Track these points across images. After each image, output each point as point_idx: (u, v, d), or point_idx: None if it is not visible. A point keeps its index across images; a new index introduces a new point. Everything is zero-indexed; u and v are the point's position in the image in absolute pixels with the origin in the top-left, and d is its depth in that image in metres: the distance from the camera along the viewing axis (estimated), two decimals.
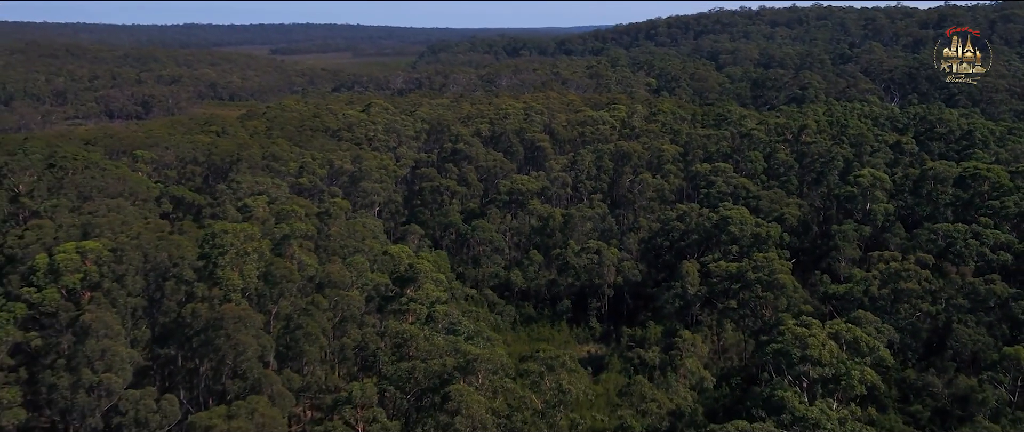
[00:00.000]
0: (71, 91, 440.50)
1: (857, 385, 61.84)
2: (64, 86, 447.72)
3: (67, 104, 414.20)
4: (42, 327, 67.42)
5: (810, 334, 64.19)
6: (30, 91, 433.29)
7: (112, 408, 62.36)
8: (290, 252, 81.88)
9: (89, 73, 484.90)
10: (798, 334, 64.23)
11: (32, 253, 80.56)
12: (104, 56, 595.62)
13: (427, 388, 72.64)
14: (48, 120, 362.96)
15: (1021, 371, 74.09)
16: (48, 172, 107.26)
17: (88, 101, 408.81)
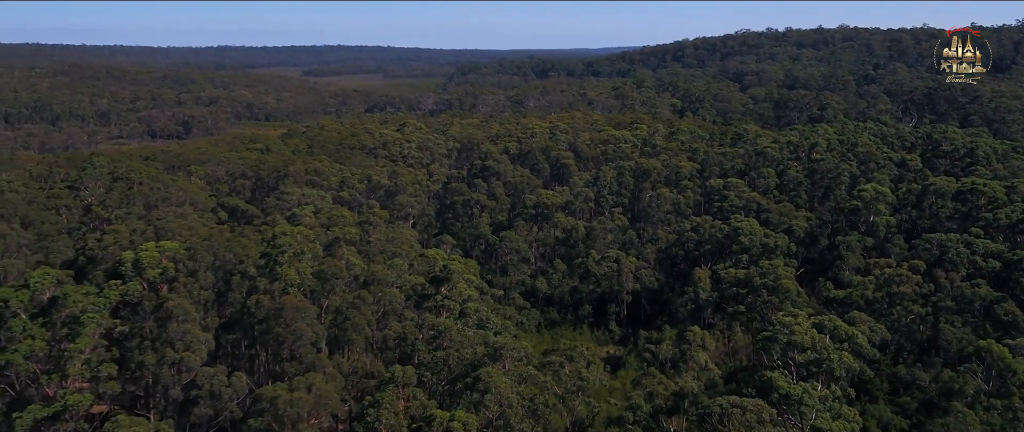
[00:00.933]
0: (114, 112, 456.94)
1: (837, 368, 70.33)
2: (107, 107, 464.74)
3: (111, 124, 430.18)
4: (128, 315, 77.67)
5: (796, 323, 73.07)
6: (75, 112, 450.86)
7: (190, 382, 72.43)
8: (339, 253, 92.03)
9: (130, 94, 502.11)
10: (785, 323, 73.10)
11: (111, 254, 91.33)
12: (143, 78, 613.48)
13: (459, 374, 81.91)
14: (93, 140, 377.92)
15: (994, 363, 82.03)
16: (117, 184, 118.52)
17: (131, 121, 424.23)
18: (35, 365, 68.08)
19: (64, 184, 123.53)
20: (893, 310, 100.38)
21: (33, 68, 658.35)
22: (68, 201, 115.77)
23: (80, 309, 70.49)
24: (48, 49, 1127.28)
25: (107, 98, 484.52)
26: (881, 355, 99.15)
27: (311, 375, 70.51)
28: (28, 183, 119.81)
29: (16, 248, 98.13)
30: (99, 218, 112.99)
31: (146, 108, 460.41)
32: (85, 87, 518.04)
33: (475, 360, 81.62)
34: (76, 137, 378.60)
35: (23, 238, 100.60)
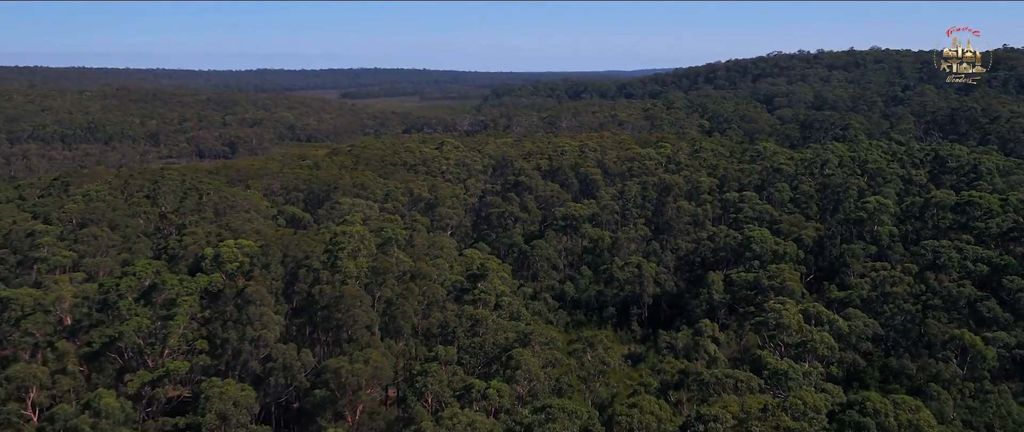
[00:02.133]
0: (163, 133, 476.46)
1: (821, 347, 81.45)
2: (156, 128, 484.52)
3: (160, 145, 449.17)
4: (209, 302, 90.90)
5: (784, 309, 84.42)
6: (127, 133, 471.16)
7: (267, 357, 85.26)
8: (390, 251, 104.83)
9: (178, 116, 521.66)
10: (775, 309, 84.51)
11: (190, 252, 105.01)
12: (188, 100, 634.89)
13: (494, 357, 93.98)
14: (145, 159, 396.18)
15: (969, 350, 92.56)
16: (189, 194, 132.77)
17: (180, 142, 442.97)
18: (140, 339, 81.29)
19: (142, 194, 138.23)
20: (886, 308, 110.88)
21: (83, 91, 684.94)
22: (146, 208, 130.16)
23: (175, 294, 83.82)
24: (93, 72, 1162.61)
25: (156, 120, 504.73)
26: (875, 348, 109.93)
27: (369, 350, 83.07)
28: (111, 193, 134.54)
29: (106, 248, 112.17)
30: (173, 224, 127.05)
31: (193, 129, 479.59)
32: (135, 109, 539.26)
33: (508, 344, 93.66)
34: (129, 156, 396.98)
35: (111, 240, 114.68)
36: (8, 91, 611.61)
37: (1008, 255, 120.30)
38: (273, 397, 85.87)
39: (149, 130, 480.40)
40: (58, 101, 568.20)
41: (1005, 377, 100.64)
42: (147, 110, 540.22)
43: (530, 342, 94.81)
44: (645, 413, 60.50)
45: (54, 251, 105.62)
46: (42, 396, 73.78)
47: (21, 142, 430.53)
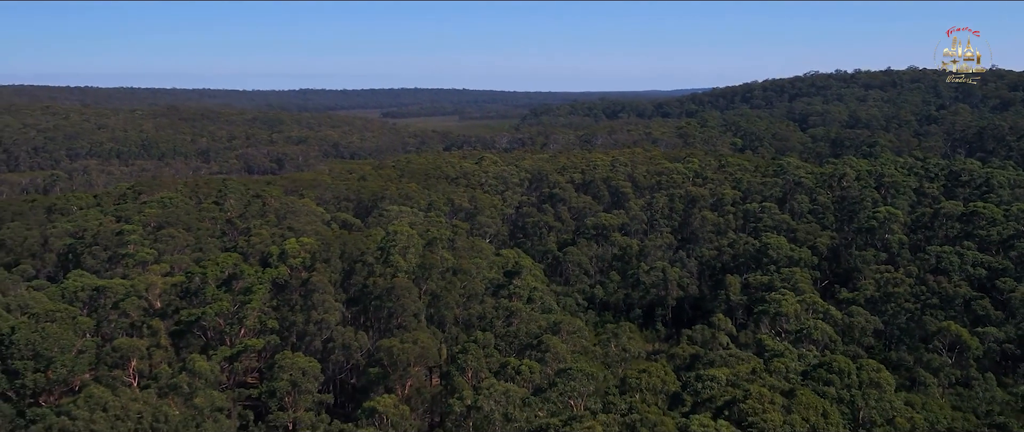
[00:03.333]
0: (213, 150, 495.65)
1: (815, 332, 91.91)
2: (207, 145, 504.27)
3: (211, 161, 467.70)
4: (276, 291, 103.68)
5: (784, 299, 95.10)
6: (179, 150, 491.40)
7: (328, 338, 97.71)
8: (435, 249, 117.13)
9: (227, 134, 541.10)
10: (775, 299, 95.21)
11: (257, 250, 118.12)
12: (235, 119, 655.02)
13: (527, 344, 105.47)
14: (198, 174, 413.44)
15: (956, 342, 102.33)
16: (253, 201, 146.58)
17: (230, 158, 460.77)
18: (220, 320, 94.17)
19: (210, 200, 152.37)
20: (888, 306, 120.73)
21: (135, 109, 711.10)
22: (214, 213, 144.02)
23: (251, 282, 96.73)
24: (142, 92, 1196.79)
25: (206, 137, 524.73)
26: (877, 342, 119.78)
27: (417, 332, 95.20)
28: (183, 200, 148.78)
29: (182, 247, 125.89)
30: (238, 227, 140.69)
31: (242, 146, 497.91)
32: (185, 127, 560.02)
33: (539, 332, 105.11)
34: (182, 172, 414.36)
35: (186, 240, 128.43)
36: (65, 110, 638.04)
37: (1006, 260, 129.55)
38: (333, 373, 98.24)
39: (200, 147, 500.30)
40: (112, 120, 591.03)
41: (997, 369, 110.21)
42: (197, 128, 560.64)
43: (560, 331, 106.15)
44: (653, 377, 71.58)
45: (138, 248, 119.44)
46: (141, 365, 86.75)
47: (80, 158, 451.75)
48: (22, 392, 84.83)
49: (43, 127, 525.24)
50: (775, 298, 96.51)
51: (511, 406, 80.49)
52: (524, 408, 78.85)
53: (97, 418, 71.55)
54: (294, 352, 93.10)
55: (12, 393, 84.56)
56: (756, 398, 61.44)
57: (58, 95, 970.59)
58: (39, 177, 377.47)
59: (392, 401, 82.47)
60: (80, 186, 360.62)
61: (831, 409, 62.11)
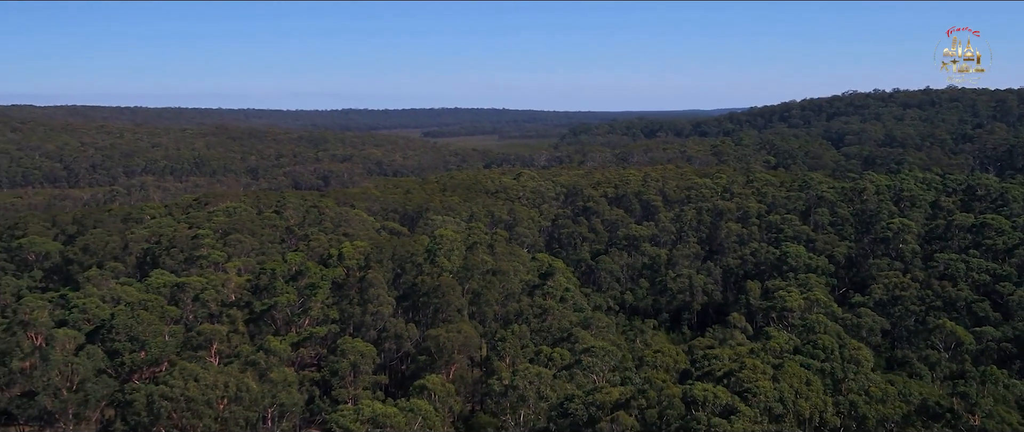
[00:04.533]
0: (262, 167, 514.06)
1: (818, 327, 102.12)
2: (256, 163, 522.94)
3: (260, 178, 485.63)
4: (334, 288, 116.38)
5: (788, 295, 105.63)
6: (229, 167, 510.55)
7: (382, 328, 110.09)
8: (477, 252, 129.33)
9: (274, 152, 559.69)
10: (780, 296, 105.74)
11: (316, 253, 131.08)
12: (282, 138, 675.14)
13: (559, 337, 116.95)
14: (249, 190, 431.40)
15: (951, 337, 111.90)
16: (310, 211, 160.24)
17: (278, 175, 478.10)
18: (288, 310, 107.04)
19: (270, 210, 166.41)
20: (895, 309, 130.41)
21: (184, 129, 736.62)
22: (275, 221, 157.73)
23: (315, 278, 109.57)
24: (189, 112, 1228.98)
25: (255, 155, 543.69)
26: (883, 341, 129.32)
27: (461, 323, 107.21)
28: (247, 209, 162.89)
29: (248, 250, 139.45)
30: (297, 235, 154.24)
31: (289, 164, 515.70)
32: (235, 146, 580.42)
33: (570, 327, 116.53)
34: (233, 188, 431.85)
35: (251, 244, 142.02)
36: (119, 129, 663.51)
37: (1009, 266, 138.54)
38: (386, 360, 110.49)
39: (249, 165, 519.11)
40: (164, 138, 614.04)
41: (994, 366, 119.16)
42: (246, 146, 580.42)
43: (590, 326, 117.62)
44: (666, 356, 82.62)
45: (211, 251, 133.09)
46: (221, 347, 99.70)
47: (137, 175, 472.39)
48: (120, 370, 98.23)
49: (100, 145, 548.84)
50: (781, 295, 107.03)
51: (543, 386, 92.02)
52: (554, 386, 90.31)
53: (190, 387, 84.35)
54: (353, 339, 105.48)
55: (111, 370, 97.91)
56: (751, 369, 72.30)
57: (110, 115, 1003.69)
58: (99, 192, 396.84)
59: (439, 380, 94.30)
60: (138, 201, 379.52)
61: (814, 378, 72.74)
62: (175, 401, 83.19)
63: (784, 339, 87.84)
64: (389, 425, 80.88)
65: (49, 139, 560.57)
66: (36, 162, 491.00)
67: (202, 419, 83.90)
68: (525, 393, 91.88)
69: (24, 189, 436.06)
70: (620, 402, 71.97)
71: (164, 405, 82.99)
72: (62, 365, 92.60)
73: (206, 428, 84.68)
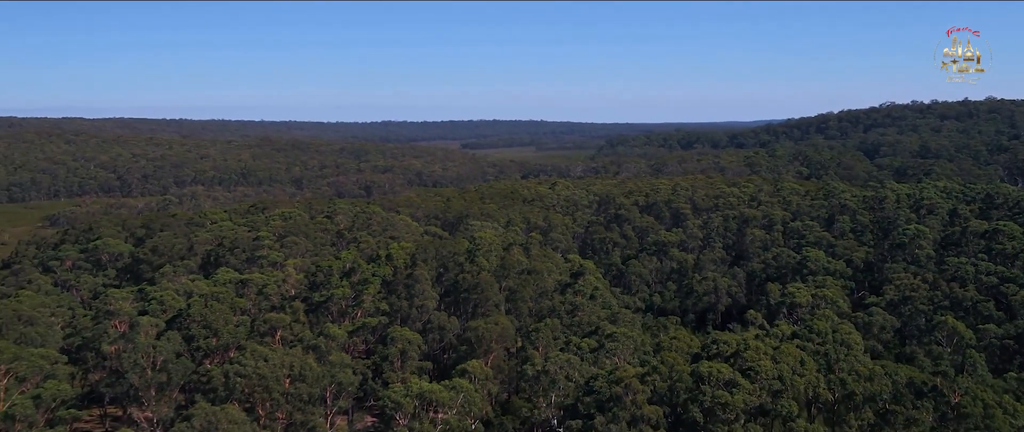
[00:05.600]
0: (306, 177, 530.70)
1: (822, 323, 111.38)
2: (300, 174, 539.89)
3: (304, 188, 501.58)
4: (384, 284, 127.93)
5: (798, 291, 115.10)
6: (274, 178, 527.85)
7: (427, 320, 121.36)
8: (513, 253, 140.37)
9: (318, 163, 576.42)
10: (790, 292, 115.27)
11: (365, 254, 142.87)
12: (324, 149, 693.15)
13: (588, 331, 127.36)
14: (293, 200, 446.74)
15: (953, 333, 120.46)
16: (358, 216, 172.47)
17: (322, 185, 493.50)
18: (343, 302, 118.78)
19: (322, 215, 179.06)
20: (905, 308, 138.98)
21: (230, 141, 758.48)
22: (327, 225, 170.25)
23: (367, 274, 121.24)
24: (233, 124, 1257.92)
25: (299, 166, 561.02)
26: (893, 337, 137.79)
27: (498, 316, 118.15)
28: (301, 214, 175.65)
29: (303, 251, 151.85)
30: (347, 238, 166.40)
31: (332, 174, 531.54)
32: (279, 157, 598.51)
33: (599, 322, 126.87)
34: (279, 197, 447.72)
35: (306, 246, 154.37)
36: (168, 141, 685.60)
37: (1016, 269, 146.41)
38: (430, 349, 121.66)
39: (293, 175, 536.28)
40: (212, 150, 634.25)
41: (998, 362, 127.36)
42: (290, 158, 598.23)
43: (616, 321, 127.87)
44: (681, 341, 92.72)
45: (269, 251, 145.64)
46: (284, 334, 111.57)
47: (187, 185, 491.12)
48: (195, 353, 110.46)
49: (151, 157, 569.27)
50: (790, 291, 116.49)
51: (572, 370, 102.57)
52: (581, 370, 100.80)
53: (260, 366, 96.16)
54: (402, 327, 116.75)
55: (188, 354, 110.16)
56: (753, 351, 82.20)
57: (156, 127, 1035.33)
58: (153, 202, 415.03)
59: (479, 365, 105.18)
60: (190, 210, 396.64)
61: (808, 358, 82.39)
62: (248, 378, 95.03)
63: (786, 328, 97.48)
64: (434, 400, 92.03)
65: (102, 150, 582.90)
66: (91, 173, 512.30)
67: (271, 394, 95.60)
68: (556, 377, 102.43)
69: (81, 198, 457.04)
70: (637, 378, 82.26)
71: (238, 382, 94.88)
72: (146, 348, 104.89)
73: (274, 402, 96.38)
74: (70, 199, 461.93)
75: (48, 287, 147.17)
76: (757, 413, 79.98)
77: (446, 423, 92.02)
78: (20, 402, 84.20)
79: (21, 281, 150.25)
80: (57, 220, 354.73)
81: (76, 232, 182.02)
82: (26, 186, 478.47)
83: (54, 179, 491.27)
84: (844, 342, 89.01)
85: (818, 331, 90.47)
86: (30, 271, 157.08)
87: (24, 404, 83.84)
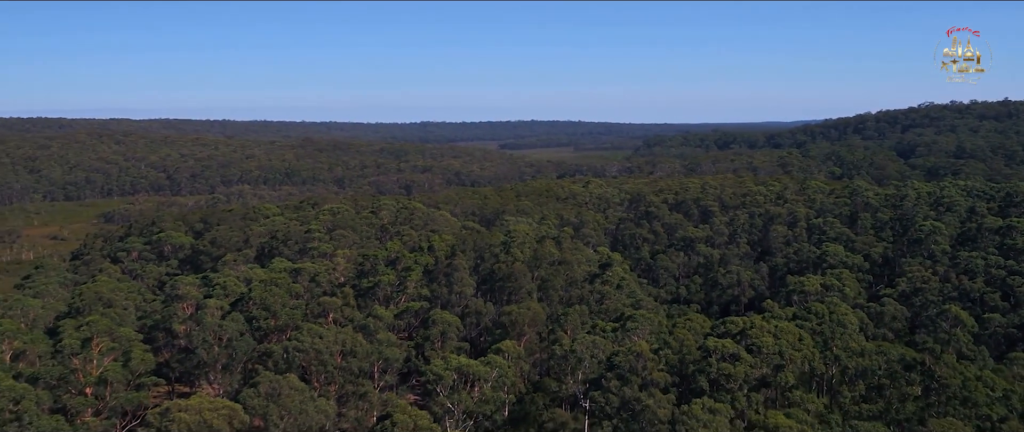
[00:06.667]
0: (347, 177, 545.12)
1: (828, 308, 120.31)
2: (342, 174, 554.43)
3: (346, 187, 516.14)
4: (426, 272, 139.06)
5: (807, 279, 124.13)
6: (317, 177, 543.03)
7: (465, 305, 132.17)
8: (545, 245, 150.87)
9: (359, 163, 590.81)
10: (800, 282, 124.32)
11: (409, 245, 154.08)
12: (365, 150, 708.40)
13: (616, 317, 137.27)
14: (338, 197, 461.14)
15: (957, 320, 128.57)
16: (401, 211, 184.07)
17: (363, 185, 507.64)
18: (388, 288, 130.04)
19: (367, 210, 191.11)
20: (916, 299, 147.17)
21: (273, 141, 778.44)
22: (372, 220, 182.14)
23: (410, 263, 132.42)
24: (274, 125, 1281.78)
25: (341, 166, 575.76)
26: (904, 326, 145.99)
27: (530, 302, 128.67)
28: (348, 209, 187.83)
29: (351, 243, 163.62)
30: (391, 232, 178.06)
31: (373, 174, 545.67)
32: (322, 157, 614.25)
33: (624, 309, 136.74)
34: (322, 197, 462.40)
35: (353, 238, 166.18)
36: (213, 141, 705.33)
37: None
38: (467, 333, 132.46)
39: (335, 175, 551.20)
40: (256, 150, 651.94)
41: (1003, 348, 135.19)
42: (332, 158, 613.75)
43: (640, 308, 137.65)
44: (694, 322, 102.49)
45: (320, 243, 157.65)
46: (336, 315, 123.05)
47: (233, 184, 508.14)
48: (256, 332, 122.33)
49: (198, 157, 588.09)
50: (800, 280, 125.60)
51: (597, 350, 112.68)
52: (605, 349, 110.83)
53: (316, 342, 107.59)
54: None
55: (250, 333, 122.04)
56: (757, 329, 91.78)
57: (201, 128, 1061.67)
58: (202, 200, 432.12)
59: (513, 344, 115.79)
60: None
61: (805, 336, 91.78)
62: (305, 353, 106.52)
63: (787, 310, 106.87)
64: (472, 374, 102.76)
65: (151, 151, 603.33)
66: (142, 172, 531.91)
67: (325, 367, 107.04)
68: (582, 356, 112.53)
69: (134, 196, 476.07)
70: (651, 351, 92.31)
71: (297, 356, 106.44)
72: (214, 327, 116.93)
73: (328, 375, 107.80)
74: (123, 197, 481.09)
75: (118, 275, 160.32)
76: (759, 384, 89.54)
77: (482, 394, 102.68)
78: (111, 368, 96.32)
79: (93, 270, 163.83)
80: (112, 217, 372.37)
81: (140, 226, 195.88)
82: (81, 185, 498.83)
83: (107, 178, 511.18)
84: (840, 322, 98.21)
85: (816, 312, 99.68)
86: (100, 261, 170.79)
87: (115, 370, 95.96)
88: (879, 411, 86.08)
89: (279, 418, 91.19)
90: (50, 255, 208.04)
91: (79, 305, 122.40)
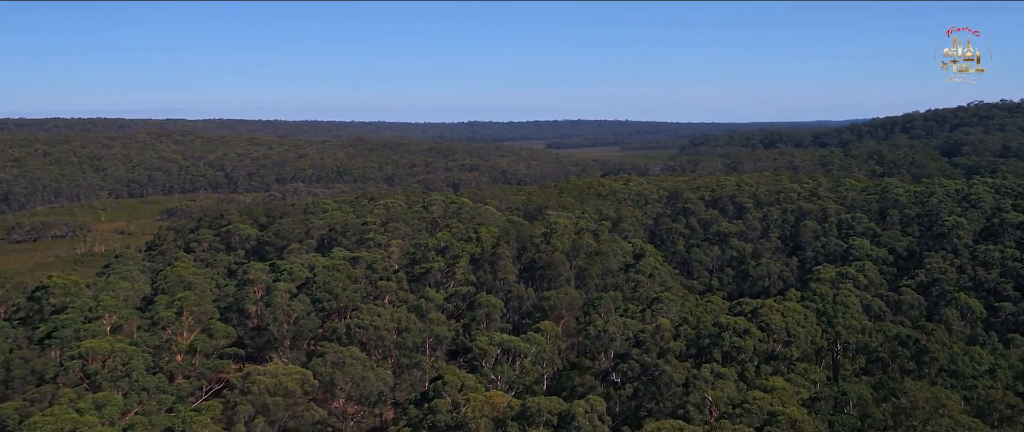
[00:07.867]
0: (397, 175, 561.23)
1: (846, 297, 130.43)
2: (391, 172, 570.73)
3: (395, 184, 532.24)
4: (473, 261, 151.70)
5: (823, 269, 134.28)
6: (368, 175, 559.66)
7: (508, 290, 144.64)
8: (583, 236, 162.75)
9: (408, 162, 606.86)
10: (817, 270, 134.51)
11: (456, 236, 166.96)
12: (413, 149, 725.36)
13: (646, 304, 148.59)
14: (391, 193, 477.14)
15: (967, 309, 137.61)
16: (450, 206, 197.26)
17: (412, 183, 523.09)
18: (438, 274, 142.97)
19: (419, 205, 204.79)
20: (933, 289, 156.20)
21: (325, 141, 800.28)
22: (423, 214, 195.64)
23: (459, 251, 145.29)
24: (325, 124, 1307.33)
25: (391, 165, 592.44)
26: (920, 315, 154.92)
27: (567, 289, 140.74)
28: (400, 204, 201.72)
29: (403, 235, 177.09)
30: (440, 224, 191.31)
31: (421, 173, 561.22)
32: (372, 156, 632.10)
33: (656, 294, 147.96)
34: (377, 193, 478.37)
35: (405, 230, 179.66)
36: (267, 141, 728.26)
37: None
38: (510, 316, 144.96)
39: (385, 173, 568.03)
40: (309, 149, 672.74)
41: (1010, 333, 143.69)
42: (382, 157, 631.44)
43: (669, 290, 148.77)
44: (714, 303, 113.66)
45: (375, 234, 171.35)
46: (391, 298, 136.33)
47: (288, 182, 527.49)
48: (320, 313, 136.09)
49: (254, 156, 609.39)
50: (817, 269, 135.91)
51: (627, 330, 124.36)
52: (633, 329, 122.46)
53: (375, 320, 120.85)
54: None
55: (314, 314, 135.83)
56: (768, 308, 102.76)
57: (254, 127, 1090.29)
58: (259, 197, 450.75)
59: (551, 325, 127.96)
60: None
61: (810, 314, 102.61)
62: (365, 329, 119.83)
63: (794, 293, 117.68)
64: (513, 349, 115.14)
65: (209, 150, 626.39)
66: (201, 170, 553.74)
67: (383, 342, 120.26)
68: (614, 335, 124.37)
69: (193, 194, 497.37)
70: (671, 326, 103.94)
71: (358, 332, 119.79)
72: (283, 306, 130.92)
73: (385, 349, 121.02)
74: (183, 194, 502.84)
75: (191, 263, 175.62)
76: (768, 357, 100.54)
77: (523, 367, 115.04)
78: (199, 338, 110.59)
79: (169, 258, 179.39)
80: (174, 212, 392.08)
81: (209, 219, 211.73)
82: (143, 182, 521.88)
83: (168, 176, 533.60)
84: (842, 303, 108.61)
85: (821, 294, 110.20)
86: (174, 251, 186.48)
87: (203, 340, 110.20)
88: (876, 382, 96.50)
89: (344, 383, 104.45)
90: (126, 247, 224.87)
91: (164, 286, 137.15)
